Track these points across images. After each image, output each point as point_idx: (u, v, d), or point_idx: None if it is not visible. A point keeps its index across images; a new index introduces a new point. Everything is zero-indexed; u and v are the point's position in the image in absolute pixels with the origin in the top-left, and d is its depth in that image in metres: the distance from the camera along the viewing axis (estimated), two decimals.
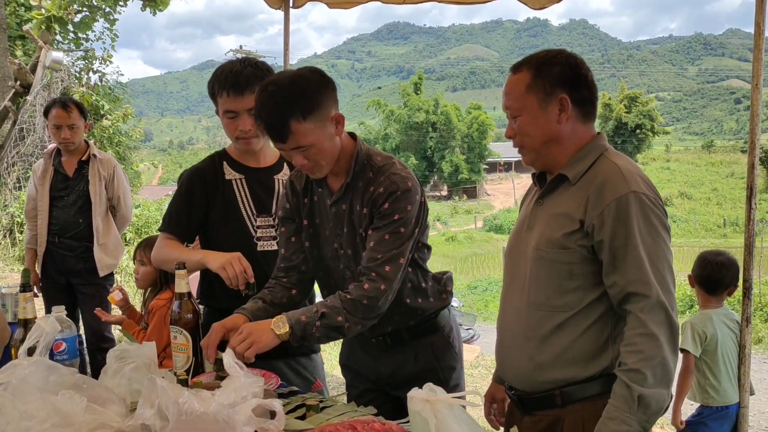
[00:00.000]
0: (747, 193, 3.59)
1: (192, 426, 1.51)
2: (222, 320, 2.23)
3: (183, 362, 2.19)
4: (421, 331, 2.48)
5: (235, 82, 2.55)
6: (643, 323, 1.83)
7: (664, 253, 1.89)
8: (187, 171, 2.77)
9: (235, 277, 2.35)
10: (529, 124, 2.02)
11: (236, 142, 2.67)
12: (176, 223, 2.69)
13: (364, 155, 2.33)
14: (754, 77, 3.58)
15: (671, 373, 1.87)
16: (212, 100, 2.66)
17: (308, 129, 2.15)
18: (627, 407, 1.82)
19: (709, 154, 62.43)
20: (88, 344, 4.69)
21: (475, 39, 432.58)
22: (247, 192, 2.70)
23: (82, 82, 12.89)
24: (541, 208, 2.07)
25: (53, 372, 1.69)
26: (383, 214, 2.23)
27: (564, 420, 1.98)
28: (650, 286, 1.84)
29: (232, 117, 2.59)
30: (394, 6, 31.39)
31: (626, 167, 1.94)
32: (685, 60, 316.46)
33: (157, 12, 12.38)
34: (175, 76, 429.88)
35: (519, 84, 2.02)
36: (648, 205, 1.88)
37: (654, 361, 1.82)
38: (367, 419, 1.67)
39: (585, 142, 2.03)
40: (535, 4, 4.84)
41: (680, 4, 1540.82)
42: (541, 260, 1.99)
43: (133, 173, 17.59)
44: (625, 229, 1.86)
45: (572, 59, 2.01)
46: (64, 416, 1.53)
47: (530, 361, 2.02)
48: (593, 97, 2.04)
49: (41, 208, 4.76)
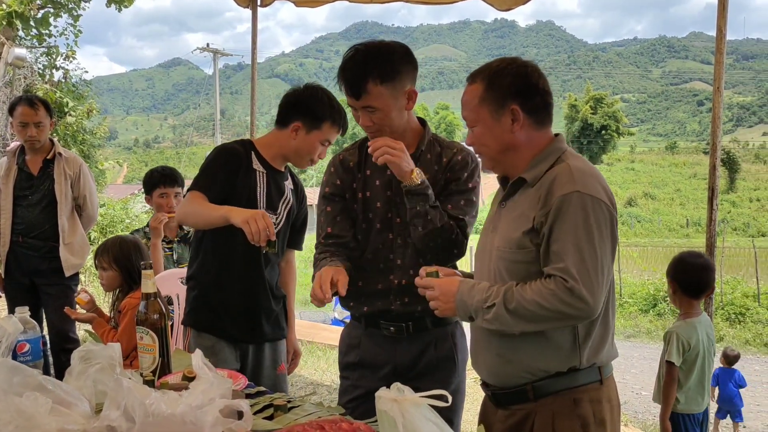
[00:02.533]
0: (708, 194, 3.65)
1: (159, 428, 1.50)
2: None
3: (149, 363, 2.17)
4: (444, 319, 2.53)
5: (346, 123, 2.91)
6: (553, 287, 1.86)
7: (595, 253, 1.88)
8: (224, 145, 2.99)
9: (258, 232, 2.40)
10: (484, 135, 2.07)
11: (305, 162, 2.93)
12: (207, 186, 2.77)
13: (431, 135, 2.56)
14: (715, 80, 3.64)
15: (513, 327, 1.94)
16: (312, 117, 2.84)
17: (382, 93, 2.36)
18: (485, 300, 1.95)
19: (673, 155, 63.34)
20: (52, 345, 4.62)
21: (443, 39, 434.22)
22: (265, 186, 2.90)
23: (45, 79, 12.70)
24: (504, 210, 2.12)
25: (17, 373, 1.66)
26: (463, 180, 2.48)
27: (536, 413, 2.02)
28: (570, 275, 1.85)
29: (325, 146, 2.90)
30: (363, 5, 31.34)
31: (578, 167, 1.97)
32: (649, 62, 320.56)
33: (123, 8, 12.24)
34: (141, 74, 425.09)
35: (473, 96, 2.06)
36: (590, 206, 1.89)
37: (530, 307, 1.87)
38: (334, 419, 1.67)
39: (542, 146, 2.06)
40: (501, 5, 4.88)
41: (646, 6, 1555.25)
42: (502, 260, 2.04)
43: (97, 172, 17.35)
44: (562, 225, 1.89)
45: (523, 69, 2.04)
46: (29, 418, 1.51)
47: (499, 357, 2.06)
48: (547, 103, 2.06)
49: (4, 208, 4.67)
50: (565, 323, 1.93)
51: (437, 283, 2.08)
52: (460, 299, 2.03)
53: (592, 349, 2.00)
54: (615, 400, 2.11)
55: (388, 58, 2.37)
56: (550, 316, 1.87)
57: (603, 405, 2.03)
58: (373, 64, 2.35)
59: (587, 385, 2.02)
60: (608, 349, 2.06)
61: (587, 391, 2.02)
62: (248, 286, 2.92)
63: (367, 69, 2.34)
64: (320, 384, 6.82)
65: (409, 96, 2.43)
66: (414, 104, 2.47)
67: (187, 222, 3.08)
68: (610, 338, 2.08)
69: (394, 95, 2.39)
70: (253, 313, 2.94)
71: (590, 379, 2.02)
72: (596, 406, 2.02)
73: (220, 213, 2.57)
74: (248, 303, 2.93)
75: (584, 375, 2.01)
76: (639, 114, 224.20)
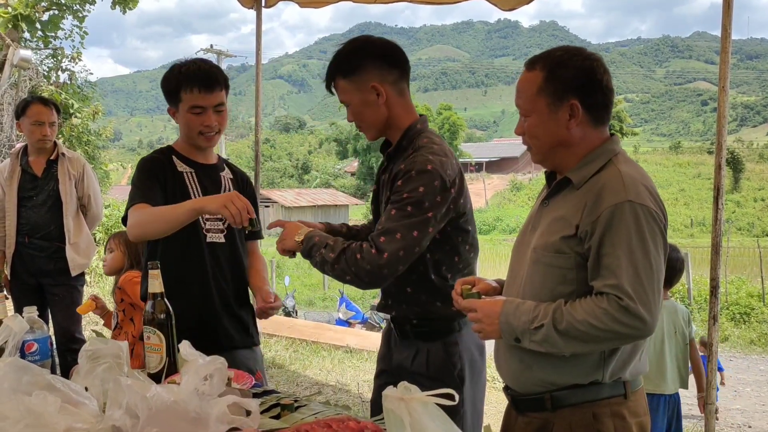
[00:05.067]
0: (714, 194, 3.63)
1: (164, 419, 1.50)
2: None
3: (156, 362, 2.18)
4: (423, 334, 2.46)
5: (207, 80, 2.68)
6: (606, 306, 1.78)
7: (651, 268, 1.81)
8: (144, 158, 2.86)
9: (238, 214, 2.38)
10: (538, 127, 1.99)
11: (197, 137, 2.78)
12: (149, 196, 2.68)
13: (415, 133, 2.43)
14: (720, 80, 3.62)
15: (564, 348, 1.85)
16: (170, 95, 2.75)
17: (346, 88, 2.41)
18: (531, 321, 1.86)
19: (677, 155, 63.05)
20: (58, 345, 4.63)
21: (446, 40, 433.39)
22: (197, 185, 2.80)
23: (50, 80, 12.71)
24: (546, 209, 2.04)
25: (26, 372, 1.67)
26: (395, 190, 2.31)
27: (554, 424, 1.96)
28: (625, 293, 1.77)
29: (198, 113, 2.71)
30: (367, 6, 31.36)
31: (630, 174, 1.89)
32: (653, 62, 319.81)
33: (127, 10, 12.26)
34: (145, 75, 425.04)
35: (531, 84, 1.97)
36: (643, 217, 1.82)
37: (582, 328, 1.79)
38: (342, 417, 1.67)
39: (595, 145, 1.98)
40: (505, 5, 4.88)
41: (650, 6, 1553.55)
42: (537, 263, 1.97)
43: (102, 173, 17.37)
44: (613, 238, 1.81)
45: (588, 62, 1.95)
46: (38, 417, 1.52)
47: (521, 362, 2.00)
48: (607, 101, 1.98)
49: (9, 209, 4.69)
50: (620, 343, 1.86)
51: (480, 305, 1.99)
52: (505, 321, 1.92)
53: (618, 364, 1.93)
54: (643, 414, 2.00)
55: (351, 53, 2.41)
56: (604, 336, 1.79)
57: (627, 420, 1.94)
58: (338, 60, 2.42)
59: (609, 399, 1.94)
60: (636, 364, 1.98)
61: (609, 405, 1.93)
62: (191, 292, 2.72)
63: (334, 65, 2.42)
64: (325, 384, 6.83)
65: (377, 91, 2.38)
66: (384, 99, 2.39)
67: (147, 233, 2.68)
68: (641, 353, 2.00)
69: (360, 89, 2.38)
70: (212, 320, 2.77)
71: (613, 393, 1.94)
72: (618, 421, 1.93)
73: (188, 207, 2.51)
74: (195, 310, 2.70)
75: (607, 389, 1.93)
76: (643, 114, 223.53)
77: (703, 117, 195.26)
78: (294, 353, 8.16)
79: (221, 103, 2.75)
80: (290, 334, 8.94)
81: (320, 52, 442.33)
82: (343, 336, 9.27)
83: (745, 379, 9.21)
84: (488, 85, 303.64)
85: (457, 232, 2.41)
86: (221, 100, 2.75)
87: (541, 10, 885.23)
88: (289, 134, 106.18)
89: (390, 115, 2.44)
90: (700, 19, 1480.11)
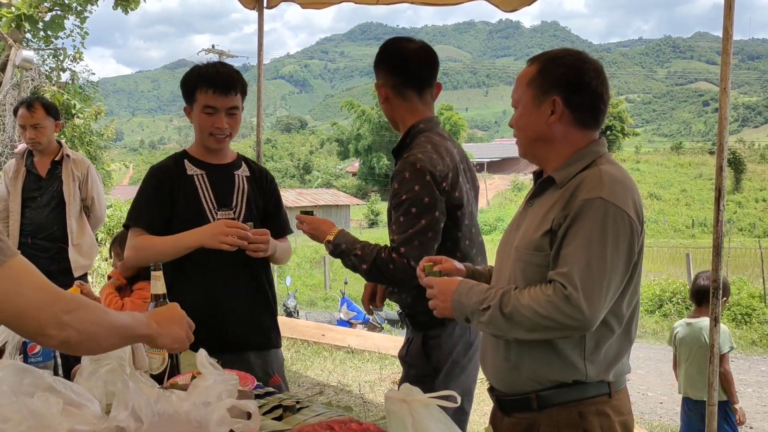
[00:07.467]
0: (715, 195, 3.61)
1: (166, 427, 1.51)
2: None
3: (158, 364, 2.18)
4: (419, 324, 2.64)
5: (224, 82, 2.72)
6: (550, 293, 1.79)
7: (605, 264, 1.79)
8: (153, 167, 2.90)
9: (235, 244, 2.57)
10: (521, 118, 2.04)
11: (207, 137, 2.80)
12: (146, 217, 2.76)
13: (416, 132, 2.60)
14: (722, 80, 3.61)
15: (507, 332, 1.90)
16: (187, 94, 2.79)
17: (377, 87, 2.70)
18: (481, 302, 1.92)
19: (678, 156, 62.98)
20: None
21: (448, 40, 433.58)
22: (208, 186, 2.82)
23: (52, 80, 12.71)
24: (530, 208, 2.06)
25: (27, 374, 1.67)
26: (393, 193, 2.46)
27: (540, 424, 1.97)
28: (571, 282, 1.77)
29: (210, 113, 2.74)
30: (369, 7, 31.24)
31: (610, 173, 1.89)
32: (654, 62, 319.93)
33: (129, 10, 12.25)
34: (147, 75, 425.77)
35: (525, 76, 2.03)
36: (611, 215, 1.81)
37: (525, 312, 1.82)
38: (344, 419, 1.67)
39: (580, 146, 1.99)
40: (506, 6, 4.87)
41: (652, 6, 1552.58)
42: (519, 261, 1.98)
43: (104, 173, 17.37)
44: (576, 230, 1.82)
45: (580, 64, 1.97)
46: (40, 419, 1.52)
47: (506, 361, 2.02)
48: (595, 105, 1.98)
49: (13, 209, 4.70)
50: (560, 333, 1.84)
51: (437, 282, 2.06)
52: (457, 299, 1.98)
53: (603, 365, 1.93)
54: (627, 413, 2.02)
55: (378, 52, 2.69)
56: (545, 324, 1.80)
57: (611, 419, 1.95)
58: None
59: (594, 398, 1.95)
60: (620, 366, 1.99)
61: (594, 404, 1.94)
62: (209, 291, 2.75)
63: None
64: (327, 384, 6.83)
65: (381, 91, 2.67)
66: (383, 99, 2.67)
67: (147, 263, 2.38)
68: (626, 356, 2.01)
69: (376, 85, 2.69)
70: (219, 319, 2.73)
71: (598, 392, 1.95)
72: (604, 420, 1.94)
73: (187, 244, 2.65)
74: (212, 309, 2.70)
75: (592, 388, 1.94)
76: (644, 114, 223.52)
77: (704, 117, 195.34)
78: (296, 354, 8.16)
79: (235, 107, 2.77)
80: (292, 335, 8.93)
81: (322, 52, 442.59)
82: (345, 336, 9.26)
83: (747, 380, 9.19)
84: (489, 85, 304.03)
85: (456, 225, 2.54)
86: (235, 104, 2.77)
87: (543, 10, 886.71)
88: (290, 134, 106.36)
89: (395, 114, 2.67)
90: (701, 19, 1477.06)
